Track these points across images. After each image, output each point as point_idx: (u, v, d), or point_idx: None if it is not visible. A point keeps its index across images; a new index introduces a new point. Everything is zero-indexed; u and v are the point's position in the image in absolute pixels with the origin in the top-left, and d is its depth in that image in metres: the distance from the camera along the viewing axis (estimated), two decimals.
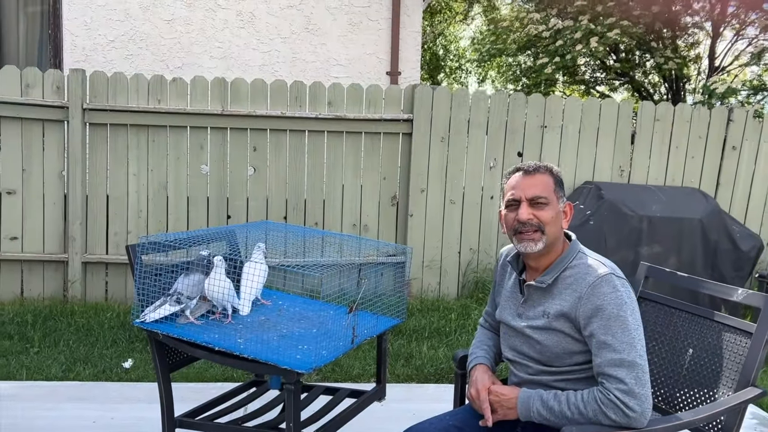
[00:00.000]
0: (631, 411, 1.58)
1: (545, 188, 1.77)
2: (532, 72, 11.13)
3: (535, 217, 1.74)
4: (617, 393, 1.58)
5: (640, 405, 1.58)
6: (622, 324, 1.64)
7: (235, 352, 1.95)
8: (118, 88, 4.88)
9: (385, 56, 6.94)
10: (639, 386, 1.59)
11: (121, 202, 4.98)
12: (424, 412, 3.06)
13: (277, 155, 5.09)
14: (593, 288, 1.68)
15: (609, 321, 1.64)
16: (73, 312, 4.58)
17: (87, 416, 3.07)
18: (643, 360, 1.62)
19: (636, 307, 1.70)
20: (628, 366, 1.60)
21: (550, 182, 1.79)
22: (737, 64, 11.50)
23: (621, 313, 1.64)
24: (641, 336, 1.66)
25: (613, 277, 1.69)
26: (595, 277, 1.69)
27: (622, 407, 1.58)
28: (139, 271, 2.18)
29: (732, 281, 5.04)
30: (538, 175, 1.78)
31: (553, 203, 1.77)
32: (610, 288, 1.67)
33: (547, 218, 1.75)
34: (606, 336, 1.64)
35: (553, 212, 1.76)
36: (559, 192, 1.80)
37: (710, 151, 5.55)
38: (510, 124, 5.29)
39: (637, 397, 1.58)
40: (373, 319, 2.38)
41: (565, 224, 1.81)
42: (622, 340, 1.62)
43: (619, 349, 1.62)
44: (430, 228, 5.28)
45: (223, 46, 6.73)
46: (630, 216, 4.87)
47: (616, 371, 1.60)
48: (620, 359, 1.61)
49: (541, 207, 1.75)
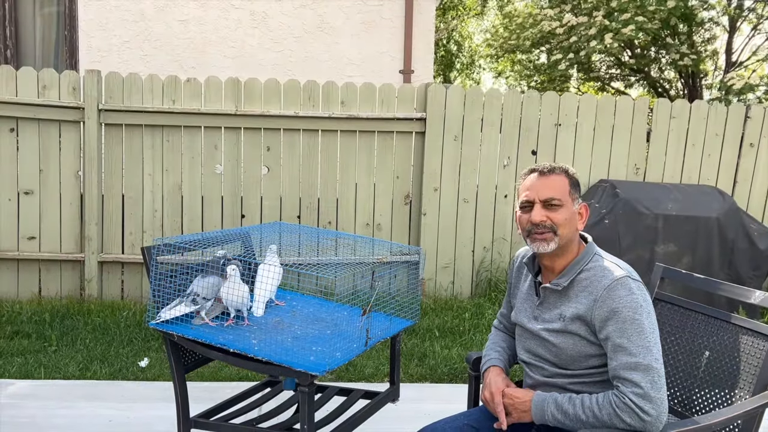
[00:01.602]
0: (647, 415, 1.57)
1: (559, 190, 1.75)
2: (546, 68, 11.07)
3: (549, 218, 1.73)
4: (633, 397, 1.57)
5: (655, 409, 1.57)
6: (638, 327, 1.62)
7: (249, 353, 1.96)
8: (133, 89, 4.92)
9: (398, 55, 6.92)
10: (654, 390, 1.58)
11: (137, 201, 5.03)
12: (437, 412, 3.07)
13: (290, 155, 5.10)
14: (609, 291, 1.67)
15: (625, 324, 1.63)
16: (90, 311, 4.63)
17: (103, 415, 3.10)
18: (658, 364, 1.61)
19: (651, 310, 1.68)
20: (644, 369, 1.59)
21: (565, 183, 1.77)
22: (755, 59, 11.34)
23: (636, 316, 1.63)
24: (657, 339, 1.65)
25: (629, 280, 1.68)
26: (610, 280, 1.68)
27: (638, 411, 1.57)
28: (155, 272, 2.20)
29: (749, 280, 4.98)
30: (553, 176, 1.77)
31: (567, 205, 1.75)
32: (626, 291, 1.66)
33: (560, 220, 1.74)
34: (621, 339, 1.63)
35: (567, 214, 1.75)
36: (575, 193, 1.79)
37: (727, 149, 5.49)
38: (524, 122, 5.26)
39: (652, 401, 1.57)
40: (386, 320, 2.38)
41: (580, 225, 1.80)
42: (637, 344, 1.61)
43: (635, 353, 1.60)
44: (444, 227, 5.27)
45: (237, 46, 6.76)
46: (645, 214, 4.83)
47: (632, 375, 1.59)
48: (636, 363, 1.60)
49: (554, 209, 1.74)
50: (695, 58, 9.90)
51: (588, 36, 8.93)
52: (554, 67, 10.09)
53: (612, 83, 12.69)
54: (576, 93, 5.50)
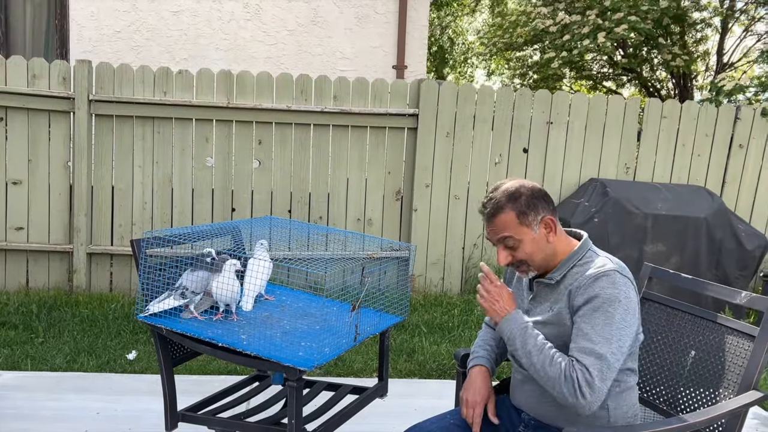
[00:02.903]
0: (583, 398, 1.59)
1: (510, 227, 1.74)
2: (539, 67, 11.09)
3: (513, 257, 1.77)
4: (579, 375, 1.60)
5: (592, 396, 1.59)
6: (606, 319, 1.63)
7: (238, 348, 1.96)
8: (124, 80, 4.89)
9: (392, 50, 6.92)
10: (600, 380, 1.59)
11: (127, 193, 5.00)
12: (425, 407, 3.08)
13: (282, 149, 5.09)
14: (593, 279, 1.68)
15: (595, 312, 1.64)
16: (78, 303, 4.61)
17: (91, 407, 3.09)
18: (613, 357, 1.61)
19: (632, 308, 1.67)
20: (597, 357, 1.60)
21: (511, 219, 1.74)
22: (745, 61, 11.42)
23: (609, 308, 1.64)
24: (624, 336, 1.64)
25: (617, 274, 1.69)
26: (597, 270, 1.70)
27: (577, 390, 1.59)
28: (144, 266, 2.19)
29: (736, 280, 5.03)
30: (499, 216, 1.75)
31: (525, 237, 1.74)
32: (609, 282, 1.66)
33: (523, 254, 1.76)
34: (586, 325, 1.65)
35: (529, 244, 1.75)
36: (528, 218, 1.74)
37: (717, 149, 5.53)
38: (516, 120, 5.27)
39: (593, 389, 1.59)
40: (376, 316, 2.39)
41: (551, 238, 1.76)
42: (600, 333, 1.62)
43: (594, 340, 1.62)
44: (435, 223, 5.28)
45: (229, 38, 6.73)
46: (635, 214, 4.86)
47: (584, 358, 1.61)
48: (591, 349, 1.61)
49: (513, 248, 1.76)
50: (687, 59, 9.94)
51: (581, 35, 8.94)
52: (547, 66, 10.10)
53: (604, 82, 12.73)
54: (568, 92, 5.52)
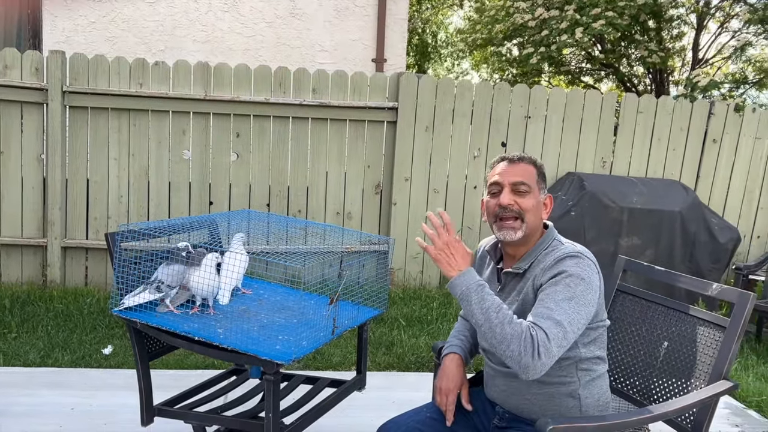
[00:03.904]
0: (538, 358, 1.54)
1: (528, 176, 1.78)
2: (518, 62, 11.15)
3: (516, 203, 1.75)
4: (540, 336, 1.55)
5: (546, 358, 1.55)
6: (567, 292, 1.63)
7: (214, 342, 1.95)
8: (99, 71, 4.81)
9: (371, 43, 6.90)
10: (556, 345, 1.56)
11: (102, 186, 4.93)
12: (403, 400, 3.09)
13: (260, 142, 5.06)
14: (559, 260, 1.70)
15: (557, 287, 1.64)
16: (52, 297, 4.54)
17: (65, 403, 3.05)
18: (570, 328, 1.60)
19: (592, 287, 1.67)
20: (555, 323, 1.58)
21: (533, 171, 1.80)
22: (720, 57, 11.59)
23: (571, 284, 1.64)
24: (582, 312, 1.64)
25: (582, 257, 1.70)
26: (562, 253, 1.71)
27: (535, 350, 1.54)
28: (118, 259, 2.16)
29: (709, 273, 5.12)
30: (522, 164, 1.80)
31: (534, 192, 1.78)
32: (573, 263, 1.68)
33: (528, 206, 1.76)
34: (547, 297, 1.64)
35: (534, 201, 1.77)
36: (541, 183, 1.82)
37: (691, 144, 5.61)
38: (494, 114, 5.30)
39: (549, 352, 1.55)
40: (354, 309, 2.39)
41: (545, 215, 1.82)
42: (560, 306, 1.61)
43: (552, 309, 1.61)
44: (414, 217, 5.29)
45: (207, 30, 6.65)
46: (611, 207, 4.92)
47: (544, 323, 1.58)
48: (549, 315, 1.59)
49: (522, 194, 1.76)
50: (663, 54, 10.07)
51: (559, 30, 9.00)
52: (526, 61, 10.16)
53: (582, 77, 12.83)
54: (546, 86, 5.56)
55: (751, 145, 5.71)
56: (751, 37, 10.53)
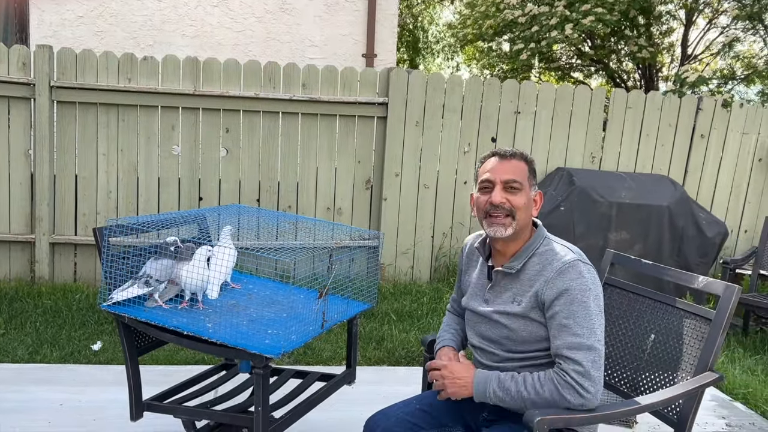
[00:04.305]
0: (586, 392, 1.62)
1: (520, 173, 1.78)
2: (508, 58, 11.16)
3: (508, 201, 1.75)
4: (574, 375, 1.62)
5: (594, 386, 1.62)
6: (584, 309, 1.67)
7: (203, 336, 1.94)
8: (86, 66, 4.77)
9: (361, 38, 6.89)
10: (595, 369, 1.63)
11: (91, 182, 4.90)
12: (394, 394, 3.10)
13: (250, 137, 5.04)
14: (560, 273, 1.70)
15: (572, 306, 1.67)
16: (41, 293, 4.51)
17: (54, 399, 3.04)
18: (600, 345, 1.66)
19: (600, 293, 1.72)
20: (587, 349, 1.64)
21: (524, 168, 1.80)
22: (709, 53, 11.66)
23: (584, 298, 1.67)
24: (601, 322, 1.70)
25: (580, 263, 1.72)
26: (562, 263, 1.72)
27: (578, 388, 1.62)
28: (107, 254, 2.16)
29: (697, 267, 5.16)
30: (514, 160, 1.80)
31: (525, 189, 1.78)
32: (576, 273, 1.70)
33: (519, 204, 1.76)
34: (568, 320, 1.67)
35: (525, 198, 1.77)
36: (532, 180, 1.82)
37: (679, 139, 5.65)
38: (484, 110, 5.31)
39: (592, 379, 1.62)
40: (343, 303, 2.39)
41: (534, 212, 1.82)
42: (582, 325, 1.66)
43: (579, 333, 1.65)
44: (404, 212, 5.30)
45: (196, 25, 6.62)
46: (600, 202, 4.95)
47: (575, 354, 1.64)
48: (579, 343, 1.64)
49: (514, 192, 1.76)
50: (652, 50, 10.12)
51: (549, 26, 9.03)
52: (516, 57, 10.18)
53: (572, 73, 12.88)
54: (536, 82, 5.58)
55: (739, 141, 5.76)
56: (739, 33, 10.61)
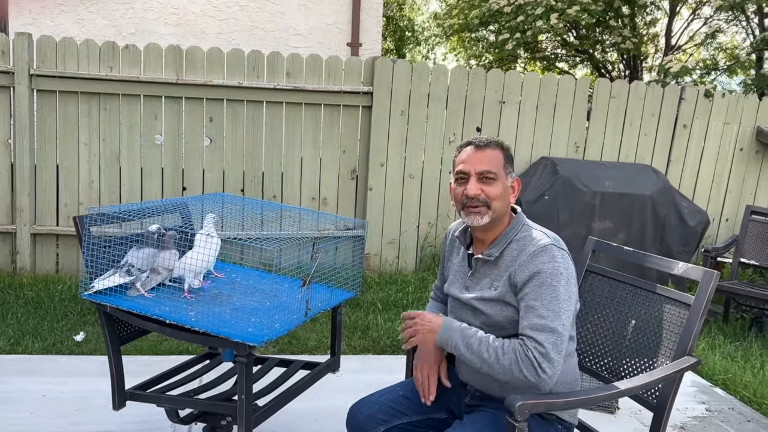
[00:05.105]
0: (543, 372, 1.62)
1: (494, 163, 1.77)
2: (494, 48, 11.16)
3: (483, 192, 1.76)
4: (535, 353, 1.62)
5: (551, 368, 1.62)
6: (552, 292, 1.67)
7: (186, 325, 1.94)
8: (67, 54, 4.70)
9: (346, 27, 6.85)
10: (555, 352, 1.63)
11: (72, 172, 4.84)
12: (378, 383, 3.10)
13: (234, 126, 5.01)
14: (533, 256, 1.71)
15: (541, 288, 1.68)
16: (22, 285, 4.46)
17: (36, 390, 3.02)
18: (565, 330, 1.66)
19: (572, 279, 1.72)
20: (549, 332, 1.64)
21: (499, 157, 1.79)
22: (692, 43, 11.74)
23: (554, 282, 1.67)
24: (570, 307, 1.69)
25: (554, 248, 1.72)
26: (536, 246, 1.73)
27: (536, 367, 1.62)
28: (87, 243, 2.14)
29: (679, 255, 5.22)
30: (489, 149, 1.79)
31: (501, 179, 1.78)
32: (549, 257, 1.70)
33: (495, 194, 1.76)
34: (535, 302, 1.67)
35: (501, 188, 1.78)
36: (508, 167, 1.81)
37: (662, 129, 5.69)
38: (469, 99, 5.31)
39: (551, 361, 1.62)
40: (327, 292, 2.39)
41: (512, 199, 1.83)
42: (548, 308, 1.66)
43: (544, 315, 1.65)
44: (390, 202, 5.30)
45: (179, 13, 6.54)
46: (584, 191, 4.98)
47: (538, 335, 1.64)
48: (543, 325, 1.65)
49: (489, 182, 1.76)
50: (636, 41, 10.16)
51: (534, 16, 9.03)
52: (502, 47, 10.18)
53: (557, 63, 12.91)
54: (521, 72, 5.59)
55: (720, 130, 5.81)
56: (722, 23, 10.68)
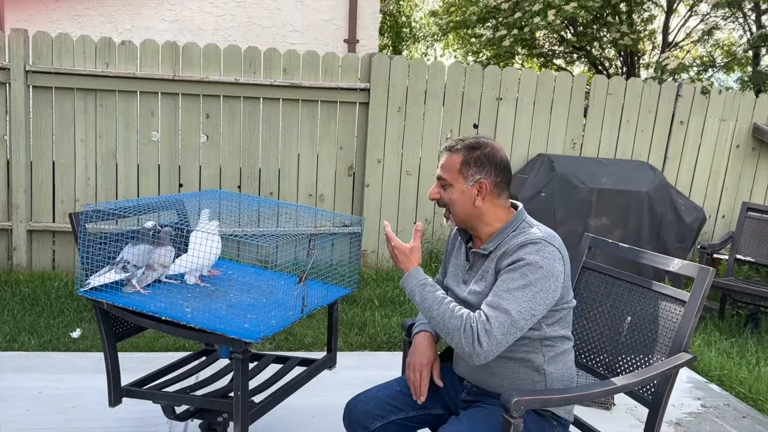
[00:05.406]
0: (479, 345, 1.61)
1: (449, 169, 1.79)
2: (491, 44, 11.16)
3: (441, 197, 1.81)
4: (479, 325, 1.62)
5: (489, 344, 1.61)
6: (522, 279, 1.65)
7: (182, 321, 1.94)
8: (63, 50, 4.69)
9: (343, 23, 6.84)
10: (500, 333, 1.61)
11: (68, 168, 4.83)
12: (375, 379, 3.11)
13: (230, 123, 5.00)
14: (519, 247, 1.70)
15: (513, 273, 1.67)
16: (18, 281, 4.46)
17: (32, 386, 3.01)
18: (520, 317, 1.63)
19: (552, 276, 1.68)
20: (503, 312, 1.63)
21: (456, 162, 1.78)
22: (689, 40, 11.74)
23: (528, 272, 1.65)
24: (538, 299, 1.65)
25: (543, 242, 1.70)
26: (525, 239, 1.72)
27: (474, 338, 1.61)
28: (83, 239, 2.13)
29: (675, 252, 5.23)
30: (450, 155, 1.80)
31: (456, 184, 1.78)
32: (534, 249, 1.68)
33: (447, 199, 1.80)
34: (502, 284, 1.67)
35: (456, 193, 1.78)
36: (469, 170, 1.77)
37: (659, 126, 5.70)
38: (466, 96, 5.31)
39: (491, 338, 1.61)
40: (324, 288, 2.39)
41: (478, 201, 1.79)
42: (511, 292, 1.65)
43: (504, 297, 1.64)
44: (387, 199, 5.30)
45: (175, 9, 6.52)
46: (580, 188, 4.98)
47: (489, 311, 1.64)
48: (498, 303, 1.64)
49: (445, 188, 1.80)
50: (634, 37, 10.16)
51: (532, 12, 9.02)
52: (499, 43, 10.18)
53: (555, 60, 12.91)
54: (518, 68, 5.59)
55: (717, 127, 5.82)
56: (719, 20, 10.69)
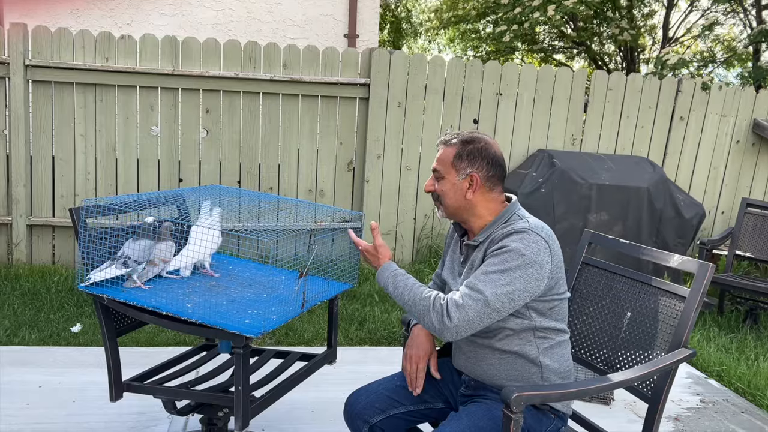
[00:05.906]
0: (449, 320, 1.62)
1: (443, 161, 1.82)
2: (491, 39, 11.13)
3: (434, 188, 1.84)
4: (449, 302, 1.64)
5: (459, 319, 1.62)
6: (502, 267, 1.66)
7: (183, 316, 1.94)
8: (62, 44, 4.68)
9: (343, 18, 6.82)
10: (472, 310, 1.62)
11: (68, 163, 4.83)
12: (375, 373, 3.12)
13: (230, 118, 4.99)
14: (506, 236, 1.71)
15: (495, 258, 1.68)
16: (18, 276, 4.46)
17: (32, 381, 3.02)
18: (494, 298, 1.63)
19: (535, 265, 1.67)
20: (477, 291, 1.64)
21: (450, 155, 1.81)
22: (689, 36, 11.72)
23: (510, 259, 1.66)
24: (516, 286, 1.65)
25: (529, 232, 1.70)
26: (512, 228, 1.72)
27: (444, 312, 1.63)
28: (83, 234, 2.13)
29: (675, 248, 5.24)
30: (444, 148, 1.84)
31: (448, 176, 1.81)
32: (518, 238, 1.69)
33: (440, 190, 1.83)
34: (482, 267, 1.69)
35: (448, 185, 1.81)
36: (461, 164, 1.79)
37: (659, 121, 5.70)
38: (466, 91, 5.30)
39: (462, 312, 1.62)
40: (324, 284, 2.39)
41: (469, 194, 1.80)
42: (488, 277, 1.65)
43: (481, 279, 1.66)
44: (387, 194, 5.30)
45: (175, 3, 6.50)
46: (580, 184, 4.98)
47: (463, 289, 1.66)
48: (474, 284, 1.65)
49: (438, 180, 1.84)
50: (634, 33, 10.15)
51: (532, 7, 9.00)
52: (499, 39, 10.16)
53: (555, 55, 12.89)
54: (519, 64, 5.58)
55: (717, 123, 5.82)
56: (719, 15, 10.67)
